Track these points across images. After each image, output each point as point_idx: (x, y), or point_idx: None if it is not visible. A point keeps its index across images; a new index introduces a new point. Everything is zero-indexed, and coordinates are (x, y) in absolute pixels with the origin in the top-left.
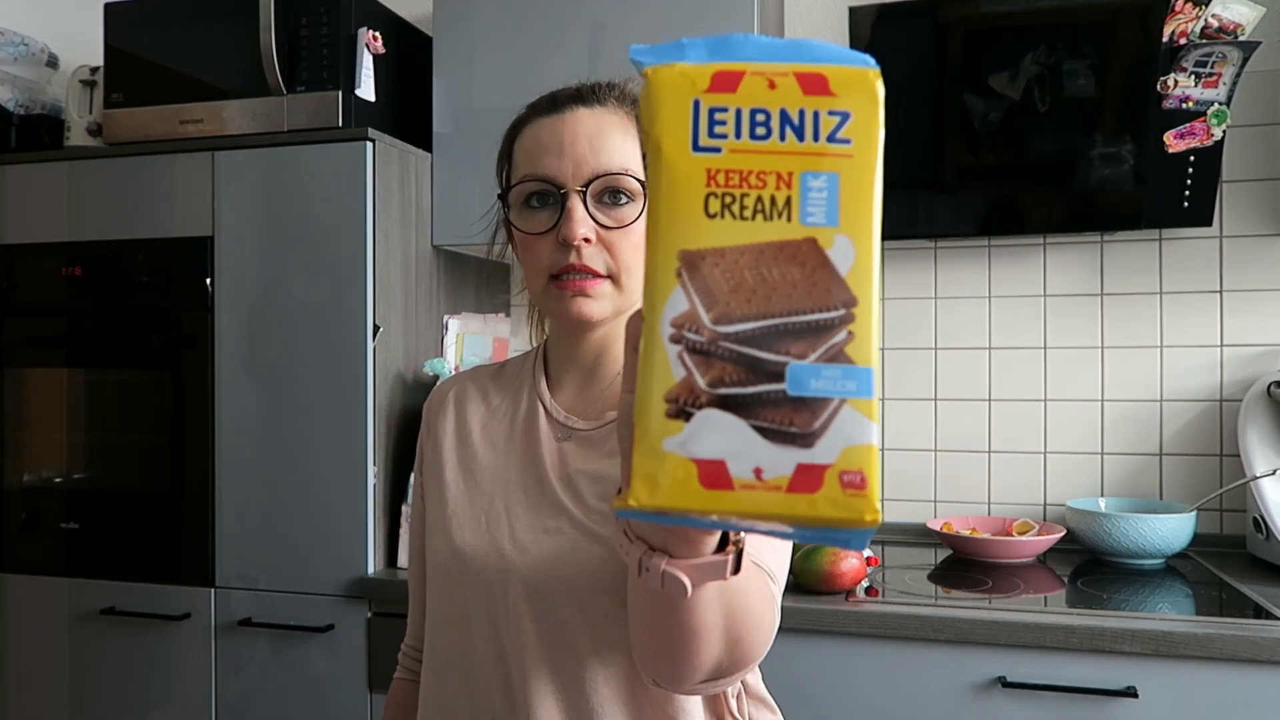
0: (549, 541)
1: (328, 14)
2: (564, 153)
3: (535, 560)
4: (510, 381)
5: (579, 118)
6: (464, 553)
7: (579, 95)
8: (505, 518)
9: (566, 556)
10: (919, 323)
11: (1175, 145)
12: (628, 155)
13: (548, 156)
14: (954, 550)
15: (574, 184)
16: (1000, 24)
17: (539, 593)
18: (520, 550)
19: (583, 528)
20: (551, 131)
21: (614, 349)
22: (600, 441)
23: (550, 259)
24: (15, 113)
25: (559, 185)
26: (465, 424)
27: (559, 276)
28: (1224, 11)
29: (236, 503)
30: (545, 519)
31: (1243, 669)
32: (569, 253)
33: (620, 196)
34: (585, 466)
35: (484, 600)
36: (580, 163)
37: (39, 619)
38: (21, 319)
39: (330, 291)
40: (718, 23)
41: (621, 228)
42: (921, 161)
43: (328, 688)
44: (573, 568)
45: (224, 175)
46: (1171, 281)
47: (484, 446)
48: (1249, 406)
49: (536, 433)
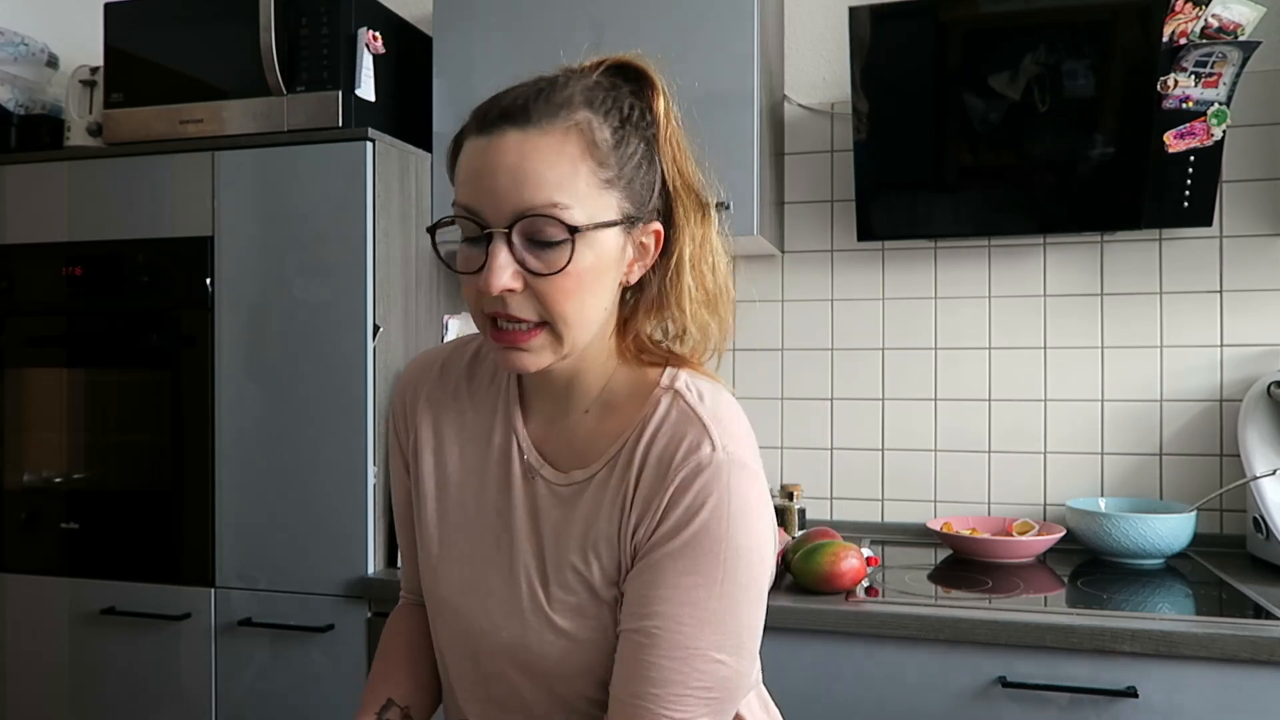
0: (516, 625)
1: (328, 14)
2: (483, 186)
3: (507, 642)
4: (485, 389)
5: (504, 144)
6: (454, 608)
7: (508, 113)
8: (484, 580)
9: (533, 645)
10: (919, 323)
11: (1175, 145)
12: (566, 186)
13: (470, 188)
14: (954, 550)
15: (496, 222)
16: (1000, 24)
17: (513, 666)
18: (493, 626)
19: (545, 619)
20: (478, 157)
21: (582, 381)
22: (567, 499)
23: (479, 301)
24: (15, 113)
25: (484, 224)
26: (440, 437)
27: (495, 322)
28: (1224, 11)
29: (236, 503)
30: (514, 597)
31: (1243, 669)
32: (496, 300)
33: (549, 234)
34: (553, 529)
35: (468, 648)
36: (501, 198)
37: (39, 619)
38: (21, 319)
39: (330, 291)
40: (718, 23)
41: (550, 275)
42: (921, 161)
43: (328, 688)
44: (538, 655)
45: (224, 175)
46: (1171, 281)
47: (459, 474)
48: (1249, 406)
49: (509, 471)
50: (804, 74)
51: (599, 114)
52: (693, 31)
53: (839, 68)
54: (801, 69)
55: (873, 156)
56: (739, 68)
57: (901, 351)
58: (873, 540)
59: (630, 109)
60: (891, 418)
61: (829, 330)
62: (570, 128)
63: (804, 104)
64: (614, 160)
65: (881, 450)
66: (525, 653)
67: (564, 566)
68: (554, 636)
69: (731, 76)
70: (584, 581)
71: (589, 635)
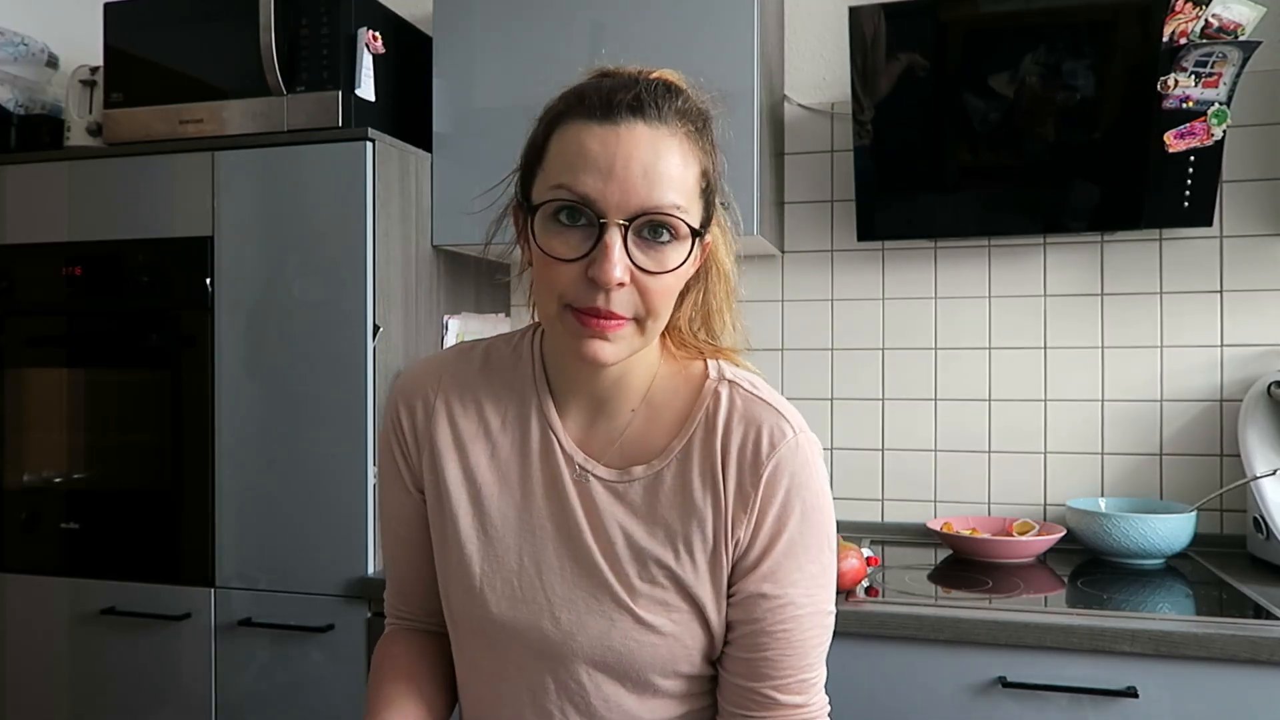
0: (597, 625)
1: (328, 14)
2: (613, 176)
3: (585, 645)
4: (505, 392)
5: (636, 137)
6: (501, 623)
7: (638, 105)
8: (540, 588)
9: (617, 645)
10: (919, 323)
11: (1175, 145)
12: (684, 189)
13: (592, 175)
14: (954, 550)
15: (616, 215)
16: (1000, 24)
17: (591, 666)
18: (564, 633)
19: (633, 615)
20: (603, 145)
21: (629, 380)
22: (631, 497)
23: (573, 290)
24: (15, 113)
25: (599, 213)
26: (464, 447)
27: (574, 308)
28: (1224, 11)
29: (236, 503)
30: (589, 598)
31: (1243, 669)
32: (596, 293)
33: (663, 234)
34: (619, 526)
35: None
36: (629, 193)
37: (39, 619)
38: (21, 319)
39: (330, 291)
40: (718, 23)
41: (660, 274)
42: (922, 161)
43: (328, 688)
44: (623, 656)
45: (224, 175)
46: (1171, 281)
47: (495, 485)
48: (1249, 406)
49: (559, 475)
50: (804, 74)
51: (701, 124)
52: (693, 31)
53: (839, 68)
54: (801, 69)
55: (873, 156)
56: (739, 68)
57: (901, 351)
58: (873, 540)
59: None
60: (891, 418)
61: (829, 330)
62: (689, 133)
63: (804, 104)
64: (712, 170)
65: (881, 450)
66: (607, 652)
67: (646, 562)
68: (640, 632)
69: (731, 76)
70: (672, 576)
71: (673, 629)
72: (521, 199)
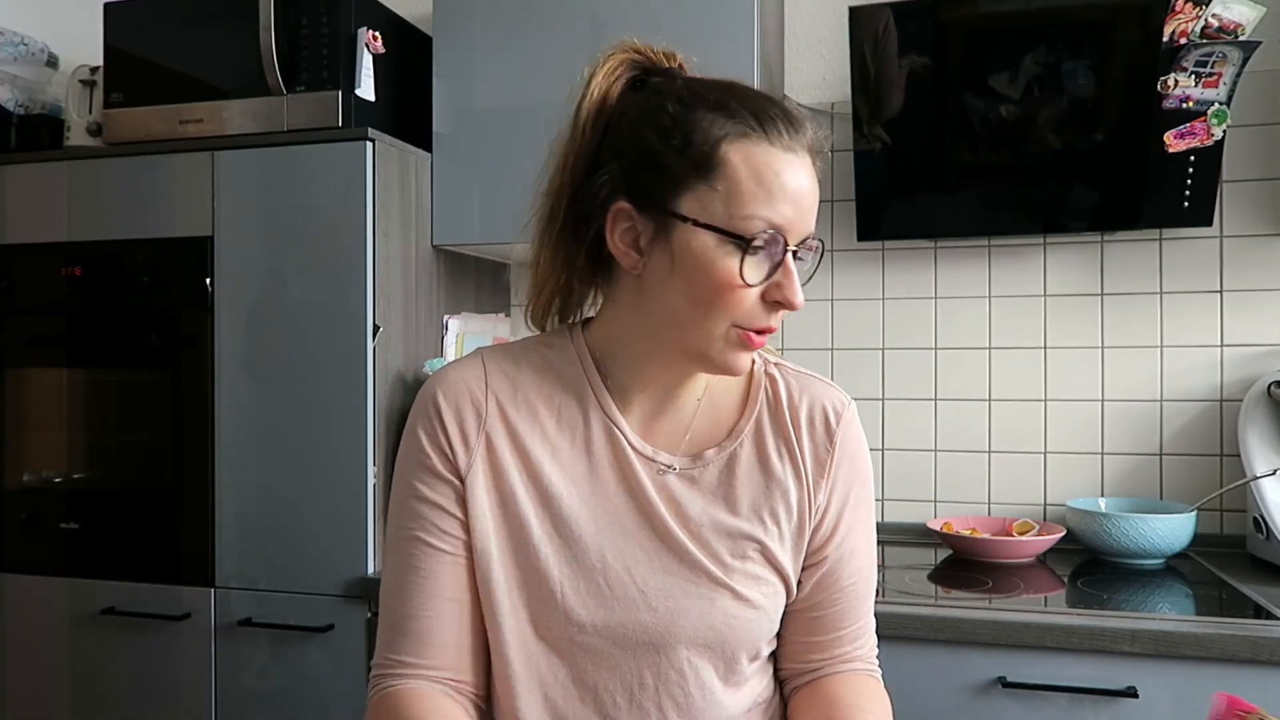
0: (696, 606)
1: (328, 14)
2: (801, 208)
3: (688, 629)
4: (556, 392)
5: (808, 168)
6: (592, 627)
7: (799, 134)
8: (630, 582)
9: (718, 624)
10: (919, 323)
11: (1175, 145)
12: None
13: (785, 204)
14: (954, 550)
15: (793, 241)
16: (1000, 24)
17: (696, 649)
18: (666, 620)
19: (732, 591)
20: (794, 176)
21: (700, 375)
22: (698, 479)
23: (750, 312)
24: (15, 113)
25: (785, 240)
26: (524, 449)
27: (744, 328)
28: (1224, 11)
29: (236, 503)
30: (685, 583)
31: (1243, 669)
32: (774, 314)
33: (806, 255)
34: (701, 509)
35: (625, 667)
36: (805, 224)
37: (39, 619)
38: (21, 319)
39: (330, 291)
40: (718, 23)
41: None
42: (921, 161)
43: (328, 688)
44: (723, 634)
45: (224, 175)
46: (1171, 281)
47: (563, 484)
48: (1249, 406)
49: (631, 469)
50: (804, 74)
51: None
52: (693, 31)
53: (839, 68)
54: (801, 69)
55: (873, 156)
56: (739, 68)
57: (901, 351)
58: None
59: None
60: (892, 418)
61: (829, 330)
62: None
63: (804, 104)
64: None
65: (882, 450)
66: (709, 632)
67: (736, 538)
68: (739, 607)
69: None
70: (761, 548)
71: (765, 602)
72: (656, 208)
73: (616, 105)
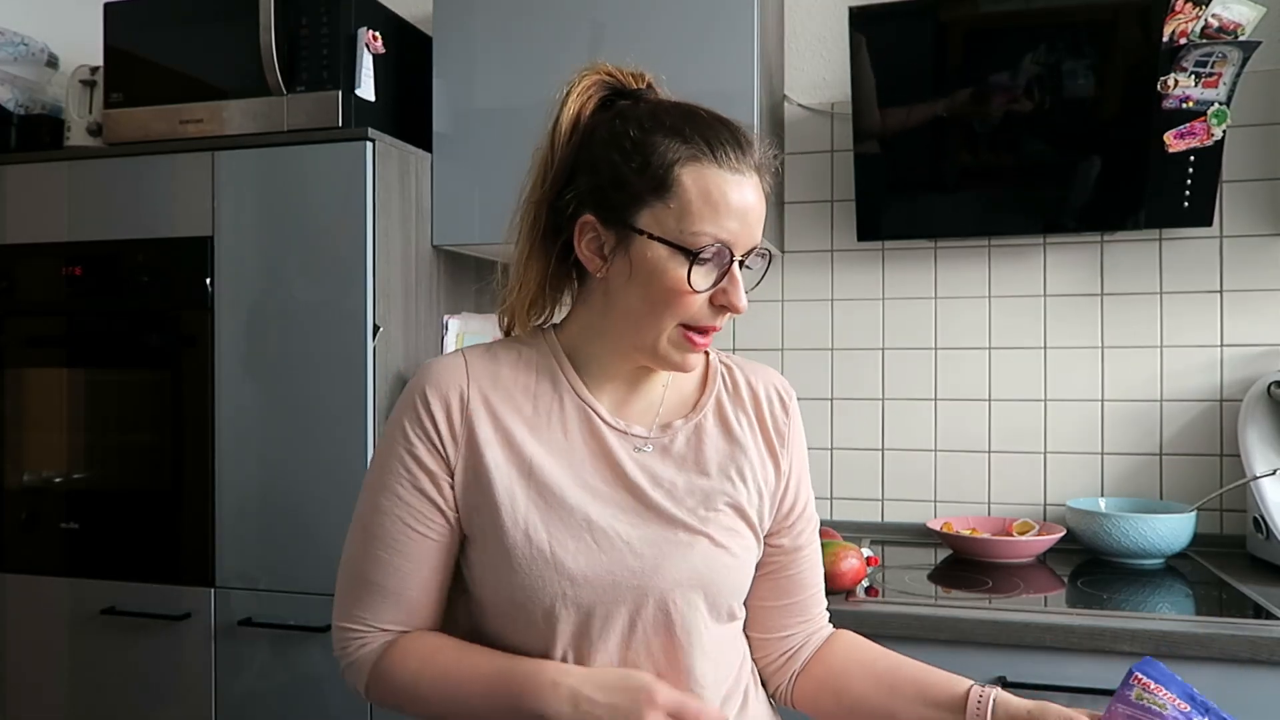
0: (677, 551)
1: (328, 14)
2: (746, 222)
3: (672, 571)
4: (531, 381)
5: (756, 186)
6: (583, 578)
7: (747, 155)
8: (615, 535)
9: (700, 565)
10: (919, 323)
11: (1175, 145)
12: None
13: (731, 220)
14: (954, 550)
15: (739, 252)
16: (1000, 24)
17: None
18: (652, 564)
19: (710, 538)
20: (741, 195)
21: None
22: (669, 447)
23: (698, 315)
24: (15, 113)
25: (732, 252)
26: (506, 431)
27: (690, 329)
28: (1224, 11)
29: (236, 503)
30: (665, 534)
31: (1243, 669)
32: (720, 317)
33: (756, 261)
34: (674, 473)
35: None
36: (752, 236)
37: (39, 619)
38: (21, 319)
39: (330, 291)
40: (718, 23)
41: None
42: (922, 161)
43: (328, 688)
44: (705, 575)
45: (224, 175)
46: (1171, 281)
47: (545, 456)
48: (1249, 406)
49: (604, 442)
50: (804, 74)
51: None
52: (693, 32)
53: (839, 68)
54: (801, 69)
55: (873, 156)
56: (739, 68)
57: (901, 351)
58: (873, 540)
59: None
60: (891, 418)
61: (829, 330)
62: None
63: (804, 104)
64: None
65: (881, 450)
66: (692, 573)
67: (711, 495)
68: (717, 553)
69: (731, 76)
70: (732, 501)
71: (742, 553)
72: (617, 221)
73: (588, 123)
